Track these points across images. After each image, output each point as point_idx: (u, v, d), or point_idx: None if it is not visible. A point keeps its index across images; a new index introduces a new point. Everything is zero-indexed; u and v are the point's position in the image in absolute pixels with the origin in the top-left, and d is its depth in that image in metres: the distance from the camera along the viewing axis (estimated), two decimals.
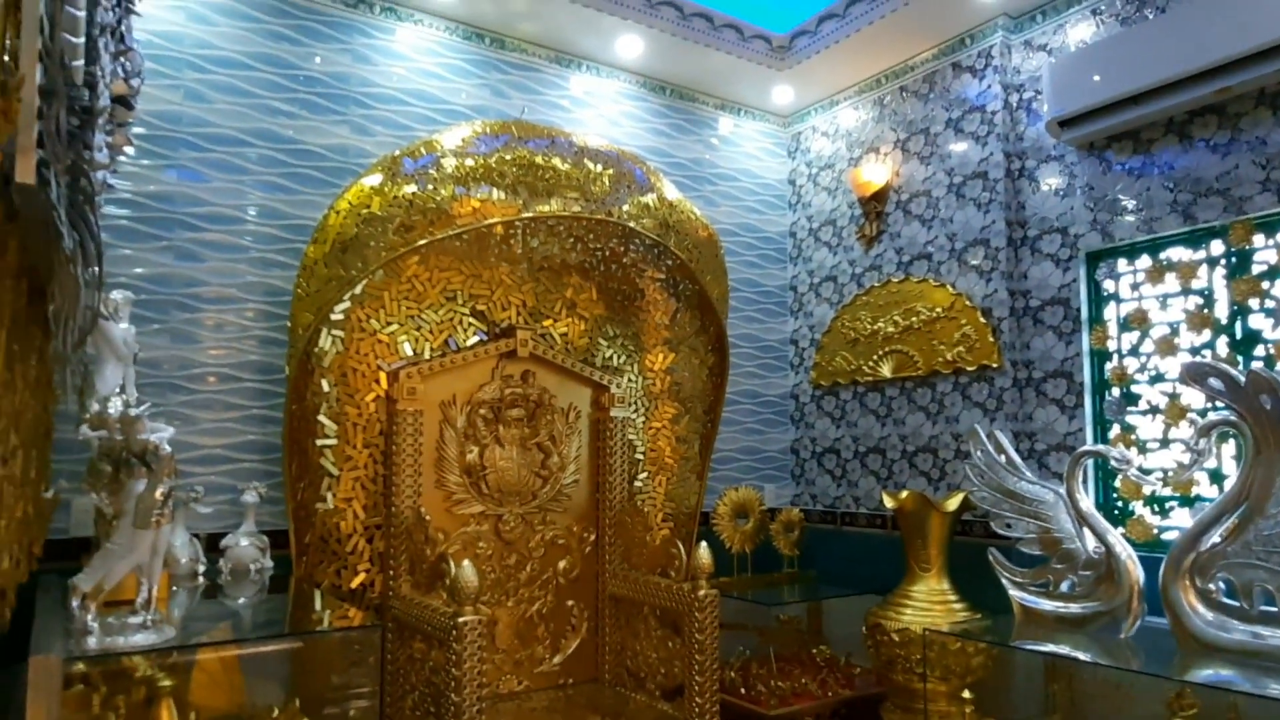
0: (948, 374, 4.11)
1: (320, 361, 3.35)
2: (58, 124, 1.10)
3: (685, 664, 3.24)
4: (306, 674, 3.31)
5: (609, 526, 3.81)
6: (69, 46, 1.01)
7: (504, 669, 3.57)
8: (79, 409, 2.56)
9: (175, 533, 3.13)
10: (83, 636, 1.96)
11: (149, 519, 2.01)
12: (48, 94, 1.04)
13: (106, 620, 2.12)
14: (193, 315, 3.41)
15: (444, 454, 3.53)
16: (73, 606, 2.10)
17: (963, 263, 4.11)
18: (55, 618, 2.18)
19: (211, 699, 2.97)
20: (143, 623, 2.05)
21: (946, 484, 4.08)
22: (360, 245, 3.17)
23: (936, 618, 3.45)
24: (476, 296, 3.76)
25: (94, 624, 1.99)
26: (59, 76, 1.04)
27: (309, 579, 3.32)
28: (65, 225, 1.14)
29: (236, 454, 3.46)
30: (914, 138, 4.42)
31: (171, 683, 2.66)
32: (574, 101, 4.46)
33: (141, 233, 3.32)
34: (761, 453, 4.96)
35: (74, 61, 1.02)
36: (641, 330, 4.17)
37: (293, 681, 3.24)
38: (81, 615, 1.99)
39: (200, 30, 3.51)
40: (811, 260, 4.98)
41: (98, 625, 2.00)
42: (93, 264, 1.32)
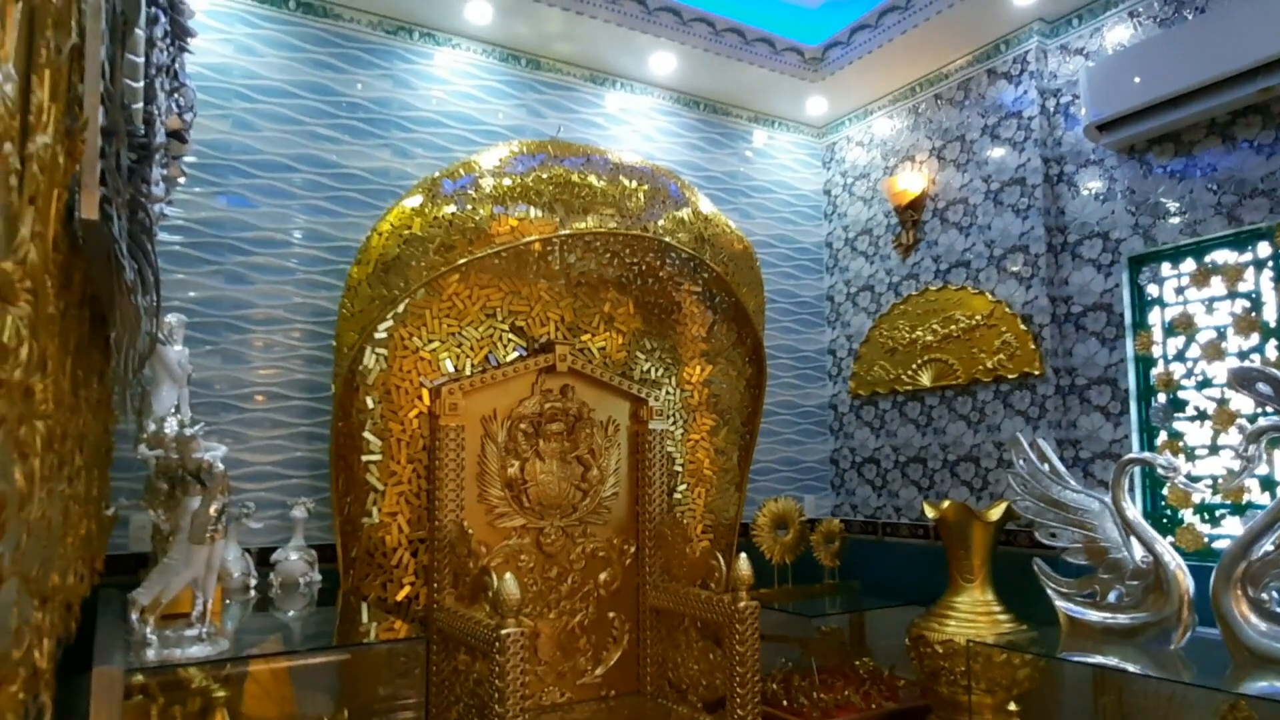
0: (988, 382, 4.08)
1: (364, 379, 3.43)
2: (118, 161, 1.17)
3: (726, 676, 3.24)
4: (354, 685, 3.38)
5: (649, 538, 3.83)
6: (129, 90, 1.08)
7: (546, 681, 3.61)
8: (137, 429, 2.67)
9: (228, 547, 3.23)
10: (142, 649, 2.04)
11: (204, 534, 2.08)
12: (109, 134, 1.11)
13: (164, 633, 2.20)
14: (243, 336, 3.51)
15: (485, 468, 3.59)
16: (132, 620, 2.18)
17: (1002, 270, 4.08)
18: (116, 631, 2.26)
19: (263, 710, 3.04)
20: (198, 635, 2.12)
21: (989, 493, 4.04)
22: (402, 265, 3.25)
23: (981, 629, 3.42)
24: (516, 313, 3.82)
25: (153, 636, 2.06)
26: (119, 117, 1.11)
27: (356, 592, 3.39)
28: (126, 257, 1.21)
29: (286, 470, 3.55)
30: (950, 145, 4.40)
31: (225, 693, 2.75)
32: (609, 119, 4.52)
33: (193, 258, 3.44)
34: (800, 463, 4.95)
35: (134, 104, 1.09)
36: (679, 343, 4.20)
37: (341, 693, 3.31)
38: (140, 628, 2.06)
39: (248, 61, 3.63)
40: (848, 270, 4.98)
41: (156, 638, 2.07)
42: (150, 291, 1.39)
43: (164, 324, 3.02)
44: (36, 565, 0.99)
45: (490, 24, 4.02)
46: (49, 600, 1.11)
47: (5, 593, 0.84)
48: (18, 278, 0.78)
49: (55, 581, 1.19)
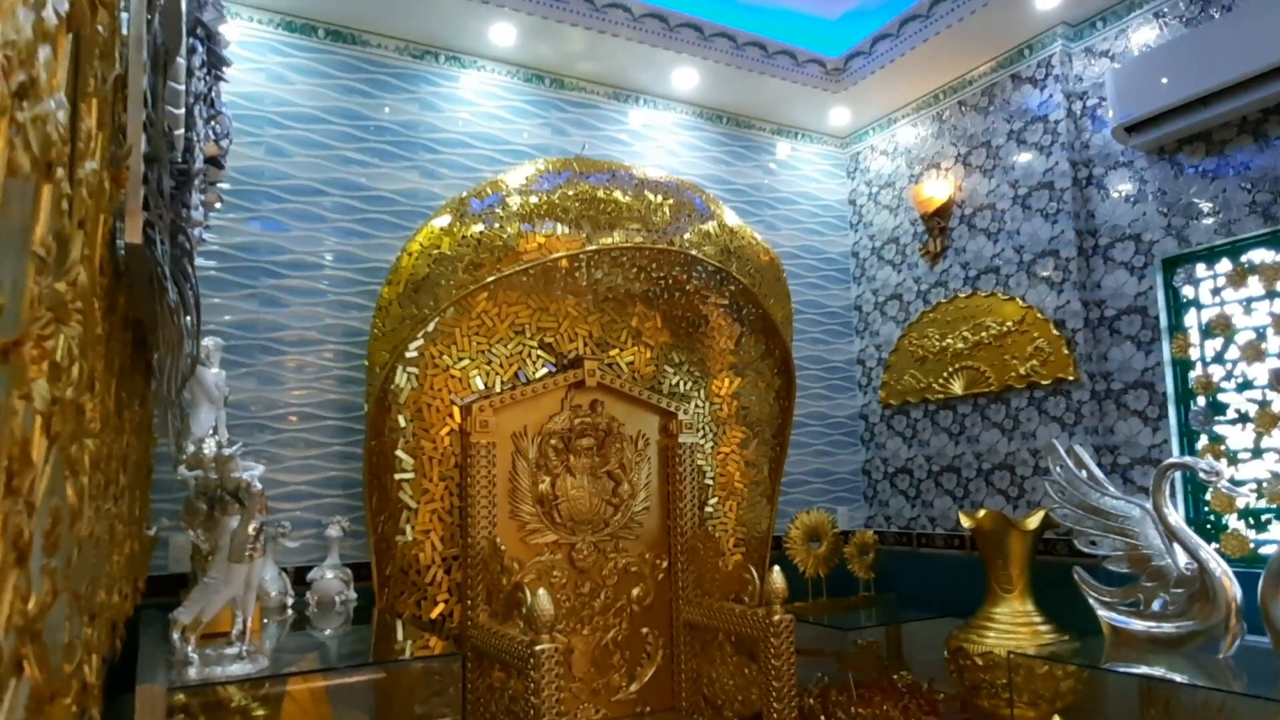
0: (1022, 389, 4.03)
1: (396, 398, 3.46)
2: (160, 187, 1.20)
3: (762, 691, 3.22)
4: (391, 703, 3.39)
5: (681, 553, 3.82)
6: (172, 118, 1.10)
7: (581, 697, 3.60)
8: (176, 450, 2.71)
9: (265, 567, 3.27)
10: (183, 667, 2.06)
11: (243, 553, 2.11)
12: (151, 160, 1.14)
13: (205, 651, 2.22)
14: (277, 358, 3.56)
15: (517, 484, 3.60)
16: (174, 639, 2.20)
17: (1032, 275, 4.04)
18: (158, 649, 2.29)
19: None
20: (238, 654, 2.14)
21: (1025, 502, 3.99)
22: (432, 284, 3.29)
23: (1021, 640, 3.36)
24: (544, 329, 3.84)
25: (194, 655, 2.09)
26: (161, 144, 1.13)
27: (391, 610, 3.41)
28: (169, 279, 1.24)
29: (320, 490, 3.59)
30: (975, 151, 4.38)
31: (265, 712, 2.77)
32: (633, 135, 4.55)
33: (228, 282, 3.50)
34: (832, 474, 4.92)
35: (176, 130, 1.12)
36: (707, 356, 4.20)
37: (378, 711, 3.33)
38: (182, 647, 2.09)
39: (279, 89, 3.70)
40: (875, 279, 4.96)
41: (197, 656, 2.10)
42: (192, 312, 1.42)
43: (202, 347, 3.08)
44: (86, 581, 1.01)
45: (514, 45, 4.07)
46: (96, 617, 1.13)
47: (58, 607, 0.86)
48: (69, 298, 0.80)
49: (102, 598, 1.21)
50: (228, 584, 2.11)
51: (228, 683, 2.11)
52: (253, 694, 2.84)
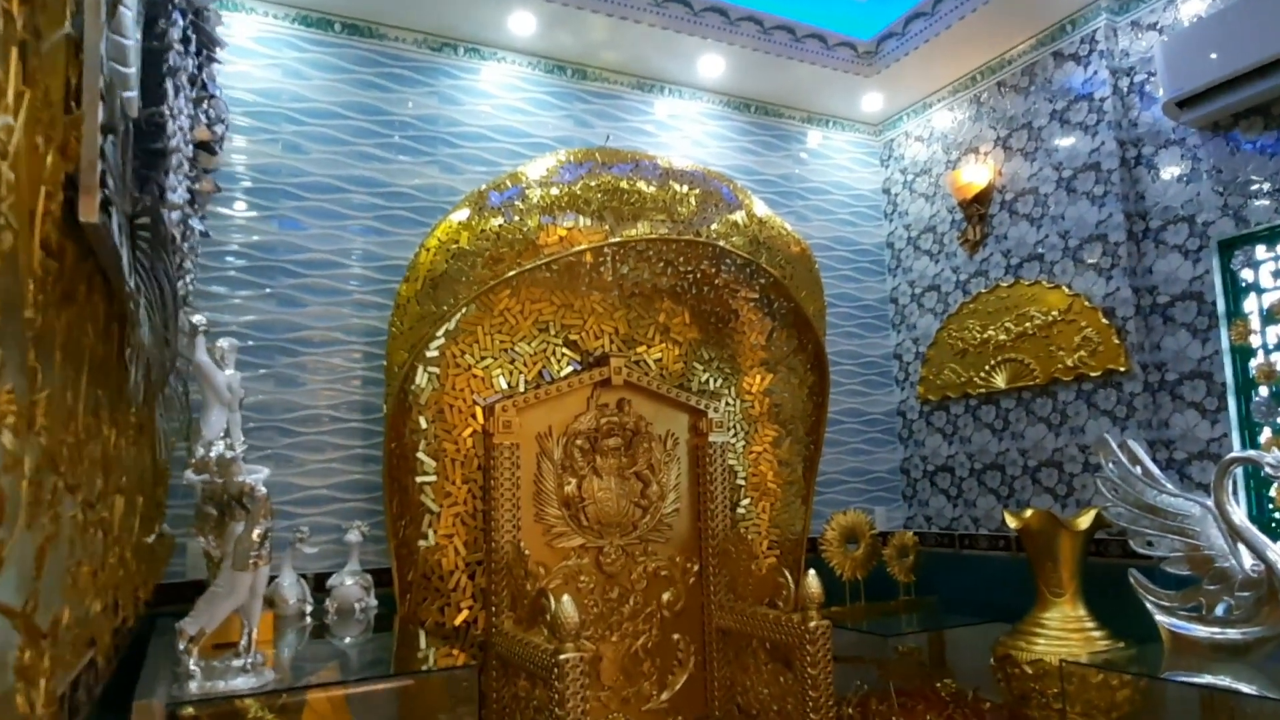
0: (1069, 381, 3.83)
1: (417, 399, 3.36)
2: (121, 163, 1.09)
3: (798, 700, 3.07)
4: (414, 712, 3.29)
5: (712, 556, 3.68)
6: (119, 78, 1.00)
7: (610, 707, 3.48)
8: (188, 454, 2.63)
9: (283, 573, 3.19)
10: (185, 681, 1.97)
11: (247, 560, 2.01)
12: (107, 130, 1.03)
13: (212, 663, 2.13)
14: (296, 359, 3.48)
15: (542, 487, 3.49)
16: (179, 650, 2.12)
17: (1079, 261, 3.84)
18: (165, 661, 2.21)
19: None
20: (244, 666, 2.05)
21: (1075, 501, 3.79)
22: (451, 280, 3.18)
23: (1073, 647, 3.18)
24: (569, 326, 3.72)
25: (196, 667, 2.00)
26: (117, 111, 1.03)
27: (414, 617, 3.31)
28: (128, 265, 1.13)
29: (341, 494, 3.50)
30: (1016, 134, 4.19)
31: None
32: (658, 125, 4.42)
33: (246, 281, 3.43)
34: (869, 474, 4.74)
35: (125, 92, 1.01)
36: (737, 352, 4.06)
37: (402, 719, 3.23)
38: (185, 659, 2.00)
39: (296, 85, 3.63)
40: (912, 270, 4.77)
41: (200, 669, 2.01)
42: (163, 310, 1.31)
43: (215, 346, 3.00)
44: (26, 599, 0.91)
45: (534, 35, 3.96)
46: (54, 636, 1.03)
47: None
48: None
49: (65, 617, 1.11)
50: (232, 592, 2.02)
51: (229, 697, 2.02)
52: (269, 706, 2.76)
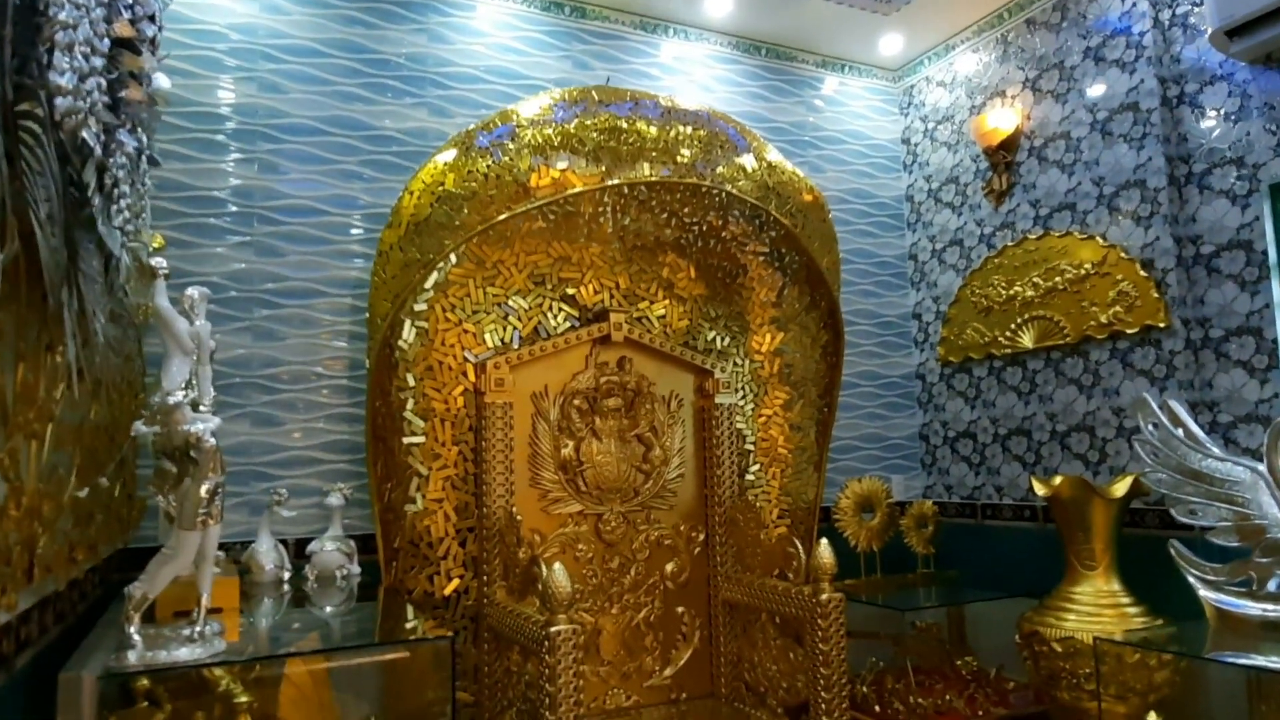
0: (1102, 339, 3.57)
1: (404, 354, 3.15)
2: None
3: (809, 678, 2.86)
4: (401, 685, 3.12)
5: (719, 525, 3.47)
6: None
7: (610, 682, 3.29)
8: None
9: (260, 538, 3.01)
10: (125, 650, 1.78)
11: (194, 519, 1.81)
12: None
13: (162, 631, 1.94)
14: (276, 312, 3.27)
15: (537, 449, 3.28)
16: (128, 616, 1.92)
17: (1114, 210, 3.57)
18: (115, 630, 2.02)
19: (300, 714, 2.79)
20: (190, 635, 1.85)
21: (1108, 467, 3.54)
22: (435, 226, 2.96)
23: (1107, 624, 2.95)
24: (566, 280, 3.50)
25: (137, 636, 1.80)
26: None
27: (400, 586, 3.12)
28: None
29: (324, 455, 3.30)
30: (1046, 75, 3.90)
31: (249, 698, 2.50)
32: (663, 69, 4.16)
33: (220, 229, 3.22)
34: (886, 440, 4.50)
35: None
36: (746, 309, 3.82)
37: (387, 692, 3.05)
38: (125, 626, 1.80)
39: (274, 20, 3.39)
40: (932, 224, 4.50)
41: (141, 638, 1.81)
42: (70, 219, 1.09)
43: (185, 297, 2.80)
44: None
45: None
46: None
47: None
48: None
49: None
50: (178, 554, 1.81)
51: (164, 669, 1.81)
52: (240, 678, 2.57)
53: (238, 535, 3.09)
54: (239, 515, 3.14)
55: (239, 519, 3.13)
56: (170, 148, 3.15)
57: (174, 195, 3.15)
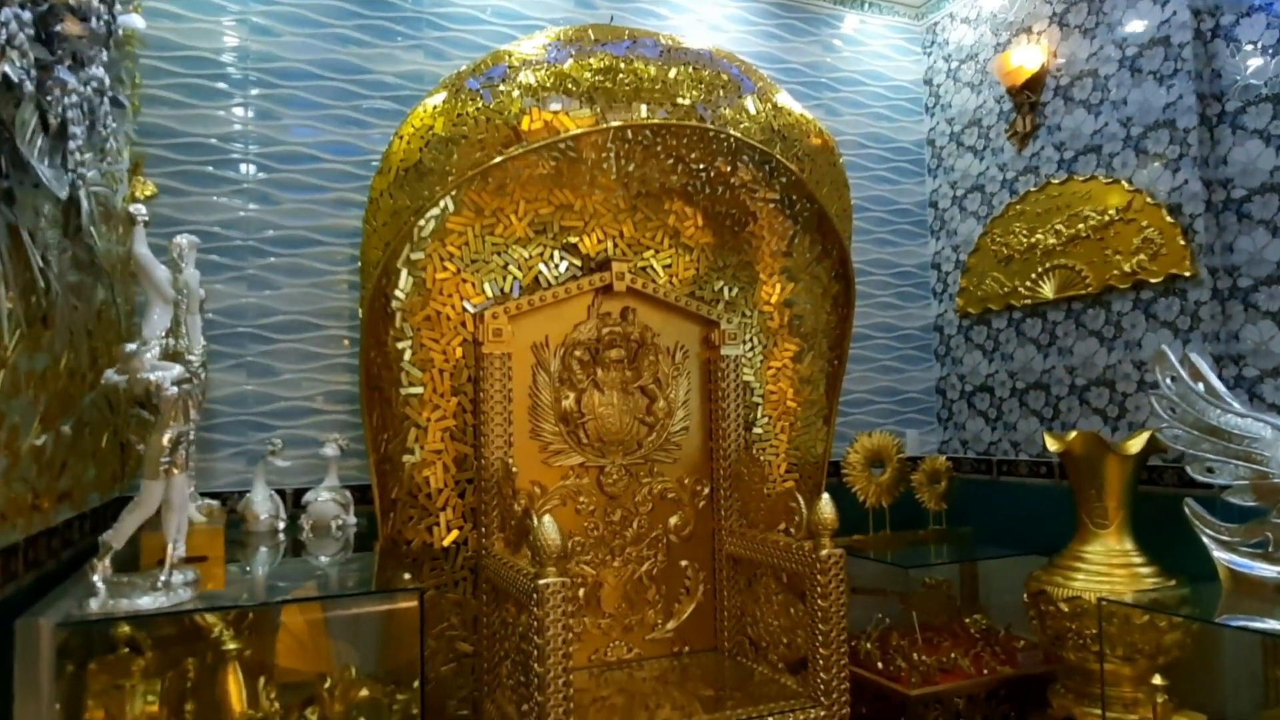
0: (1125, 289, 3.40)
1: (402, 304, 3.11)
2: None
3: (808, 634, 2.82)
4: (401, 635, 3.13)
5: (724, 479, 3.41)
6: None
7: (612, 635, 3.27)
8: None
9: (255, 488, 3.01)
10: (87, 598, 1.77)
11: (156, 468, 1.78)
12: None
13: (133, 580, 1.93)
14: (269, 261, 3.24)
15: (538, 401, 3.23)
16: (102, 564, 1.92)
17: (1141, 152, 3.37)
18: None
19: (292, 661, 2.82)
20: (153, 584, 1.84)
21: (1127, 423, 3.41)
22: (424, 172, 2.88)
23: (1117, 584, 2.85)
24: (568, 229, 3.41)
25: (101, 584, 1.79)
26: None
27: (399, 537, 3.12)
28: None
29: (322, 405, 3.29)
30: (1074, 9, 3.67)
31: (238, 645, 2.51)
32: (671, 7, 4.00)
33: (211, 177, 3.18)
34: (901, 394, 4.38)
35: None
36: (755, 259, 3.71)
37: (385, 643, 3.07)
38: (90, 574, 1.80)
39: None
40: (954, 170, 4.32)
41: (105, 586, 1.80)
42: None
43: (174, 244, 2.77)
44: None
45: None
46: None
47: None
48: None
49: None
50: (142, 503, 1.80)
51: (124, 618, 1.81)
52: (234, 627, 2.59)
53: (235, 485, 3.11)
54: (236, 465, 3.16)
55: (236, 469, 3.15)
56: (160, 93, 3.11)
57: (166, 142, 3.11)
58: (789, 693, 2.83)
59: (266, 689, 2.43)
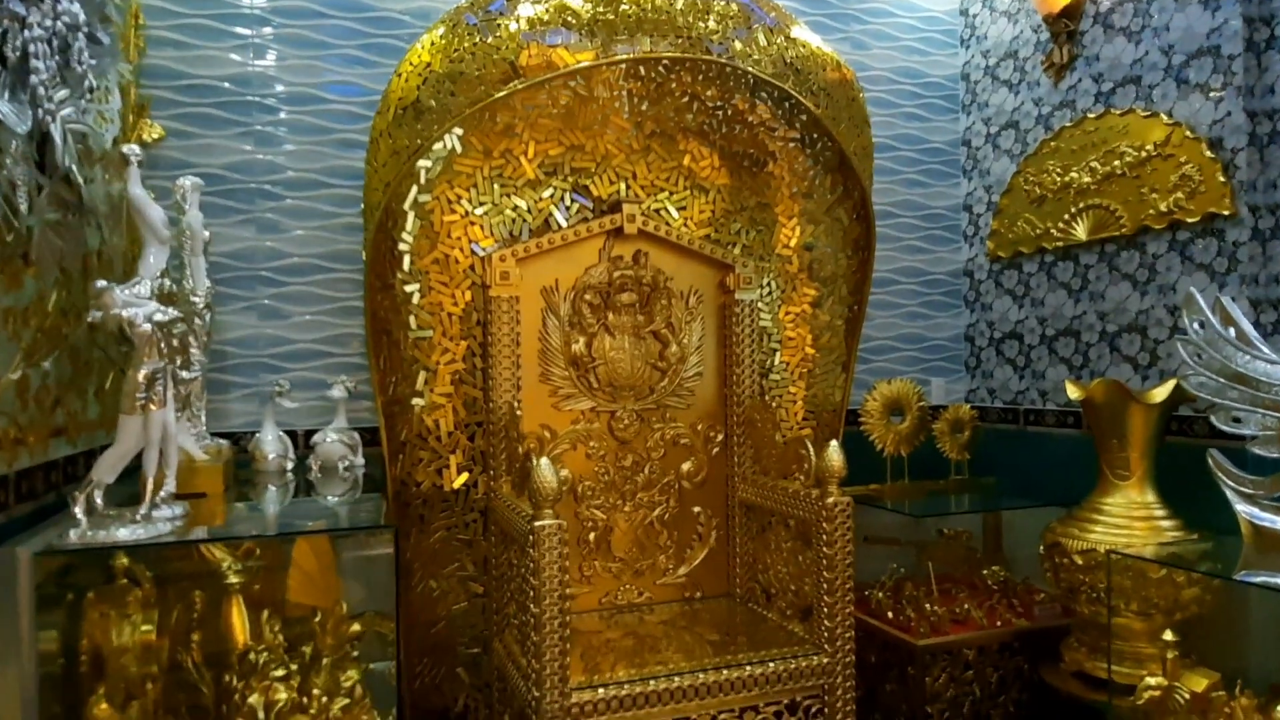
0: (1161, 230, 3.22)
1: (410, 246, 3.10)
2: None
3: (814, 582, 2.78)
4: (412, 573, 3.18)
5: (738, 425, 3.35)
6: None
7: (623, 579, 3.27)
8: None
9: (264, 428, 3.06)
10: (69, 529, 1.82)
11: (133, 403, 1.80)
12: None
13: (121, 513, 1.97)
14: (277, 204, 3.25)
15: (547, 345, 3.20)
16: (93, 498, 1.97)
17: (1183, 82, 3.15)
18: None
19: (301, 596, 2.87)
20: (133, 517, 1.87)
21: (1159, 371, 3.25)
22: (423, 111, 2.83)
23: (1135, 536, 2.74)
24: (580, 170, 3.35)
25: (81, 516, 1.83)
26: None
27: (409, 478, 3.15)
28: None
29: (331, 348, 3.32)
30: None
31: (239, 580, 2.57)
32: None
33: (217, 119, 3.18)
34: (927, 341, 4.25)
35: None
36: (773, 201, 3.60)
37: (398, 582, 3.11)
38: (71, 506, 1.84)
39: None
40: (988, 106, 4.11)
41: (86, 519, 1.84)
42: None
43: (177, 186, 2.79)
44: None
45: None
46: None
47: None
48: None
49: None
50: (120, 439, 1.82)
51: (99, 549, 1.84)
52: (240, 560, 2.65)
53: (247, 426, 3.16)
54: (249, 406, 3.21)
55: (249, 410, 3.20)
56: (166, 34, 3.10)
57: (173, 84, 3.12)
58: (795, 639, 2.80)
59: (270, 621, 2.48)
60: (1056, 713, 3.21)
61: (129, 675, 2.08)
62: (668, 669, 2.55)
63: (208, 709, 2.39)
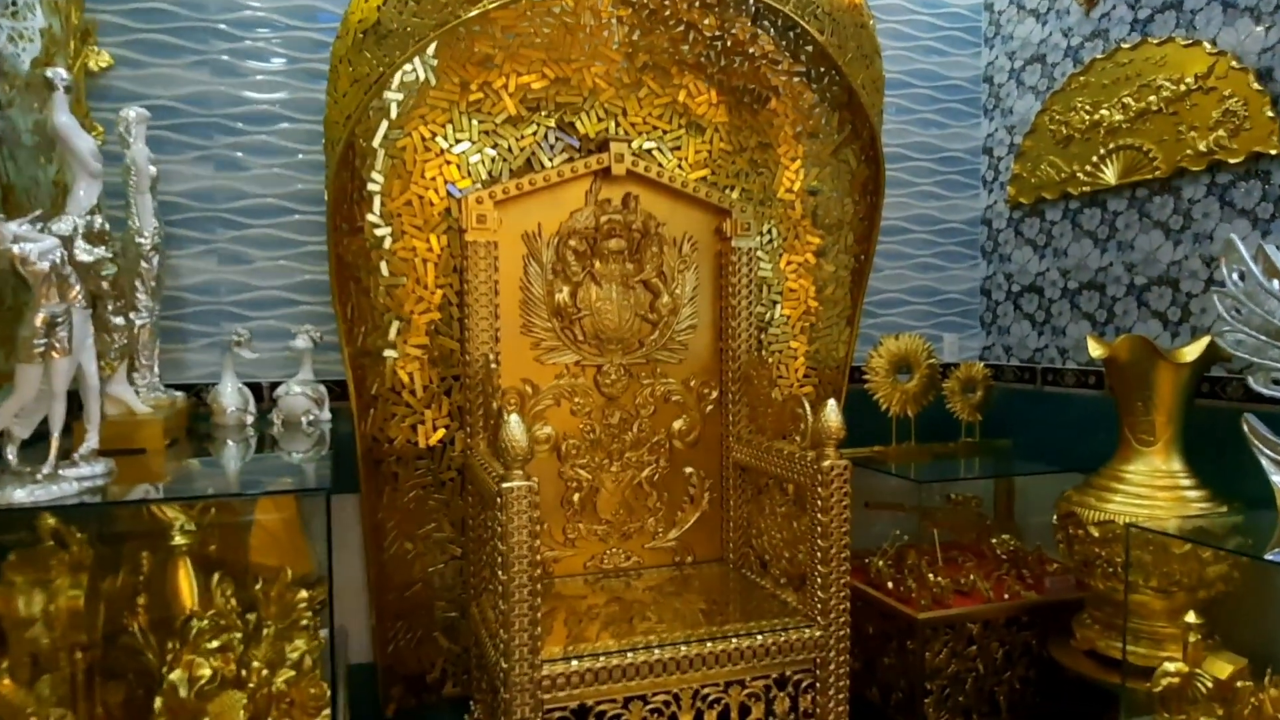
0: (1198, 172, 2.92)
1: (380, 187, 2.88)
2: None
3: (808, 549, 2.58)
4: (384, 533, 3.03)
5: (733, 382, 3.14)
6: None
7: (609, 542, 3.10)
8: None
9: (223, 380, 2.88)
10: None
11: (31, 350, 1.61)
12: None
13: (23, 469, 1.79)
14: (236, 139, 3.02)
15: (529, 294, 2.99)
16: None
17: (1230, 7, 2.83)
18: None
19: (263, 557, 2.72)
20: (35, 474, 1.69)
21: (1191, 328, 2.98)
22: (384, 34, 2.57)
23: (1158, 508, 2.51)
24: (565, 106, 3.11)
25: None
26: None
27: (380, 434, 2.97)
28: None
29: (297, 295, 3.12)
30: None
31: (186, 541, 2.41)
32: None
33: (171, 46, 2.94)
34: (941, 294, 3.98)
35: None
36: (775, 141, 3.35)
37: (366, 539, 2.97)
38: None
39: None
40: (1013, 38, 3.78)
41: None
42: None
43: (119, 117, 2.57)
44: None
45: None
46: None
47: None
48: None
49: None
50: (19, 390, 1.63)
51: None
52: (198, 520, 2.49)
53: (207, 378, 2.98)
54: (210, 356, 3.02)
55: (209, 359, 3.02)
56: None
57: (120, 7, 2.88)
58: (787, 610, 2.62)
59: (220, 586, 2.32)
60: (1065, 692, 3.02)
61: (39, 647, 1.92)
62: (648, 640, 2.38)
63: (155, 677, 2.24)
